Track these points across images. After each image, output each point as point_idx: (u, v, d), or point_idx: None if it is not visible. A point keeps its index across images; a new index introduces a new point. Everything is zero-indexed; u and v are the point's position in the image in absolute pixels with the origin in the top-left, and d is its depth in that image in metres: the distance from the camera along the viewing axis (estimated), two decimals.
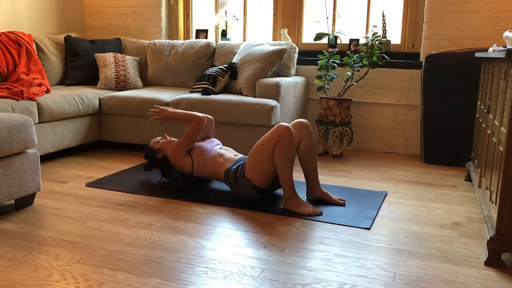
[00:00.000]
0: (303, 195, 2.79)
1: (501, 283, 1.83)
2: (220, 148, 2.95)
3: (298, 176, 3.21)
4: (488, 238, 1.99)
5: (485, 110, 2.68)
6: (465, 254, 2.08)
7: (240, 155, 2.91)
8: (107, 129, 3.92)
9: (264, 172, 2.57)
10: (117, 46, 4.50)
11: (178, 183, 2.90)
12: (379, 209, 2.65)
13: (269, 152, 2.54)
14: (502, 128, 2.09)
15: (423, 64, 3.81)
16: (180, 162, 2.91)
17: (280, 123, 2.54)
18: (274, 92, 3.57)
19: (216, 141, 3.06)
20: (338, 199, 2.70)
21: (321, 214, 2.51)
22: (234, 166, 2.72)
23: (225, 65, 3.91)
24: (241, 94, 3.81)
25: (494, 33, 3.71)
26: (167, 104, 3.68)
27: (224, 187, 2.98)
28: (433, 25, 3.85)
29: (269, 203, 2.67)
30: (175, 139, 3.05)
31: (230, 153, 2.91)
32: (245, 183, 2.62)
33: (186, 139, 2.88)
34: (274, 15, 4.48)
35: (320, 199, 2.72)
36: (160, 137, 3.10)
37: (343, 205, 2.66)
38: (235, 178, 2.67)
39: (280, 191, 2.89)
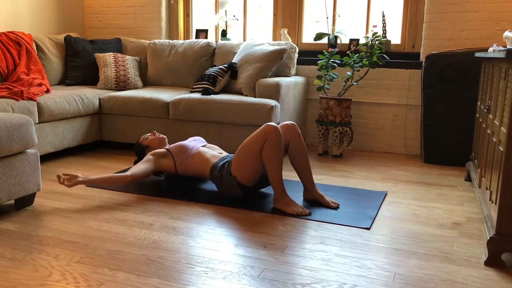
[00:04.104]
0: (300, 195, 2.80)
1: (501, 283, 1.83)
2: (204, 146, 2.95)
3: (296, 176, 3.20)
4: (488, 238, 1.99)
5: (485, 110, 2.68)
6: (465, 254, 2.08)
7: (225, 153, 2.92)
8: (107, 129, 3.92)
9: (250, 170, 2.57)
10: (117, 46, 4.50)
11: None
12: (379, 209, 2.65)
13: (256, 151, 2.54)
14: (502, 128, 2.09)
15: (423, 64, 3.81)
16: (161, 162, 2.88)
17: (268, 123, 2.54)
18: (274, 92, 3.57)
19: (200, 138, 3.07)
20: (331, 201, 2.66)
21: (309, 214, 2.50)
22: (220, 163, 2.72)
23: (225, 65, 3.91)
24: (241, 94, 3.81)
25: (494, 33, 3.71)
26: (167, 104, 3.68)
27: None
28: (433, 25, 3.85)
29: (269, 203, 2.67)
30: (164, 136, 3.08)
31: (215, 151, 2.92)
32: (231, 180, 2.62)
33: (136, 177, 2.75)
34: (274, 15, 4.48)
35: (315, 201, 2.71)
36: (149, 134, 3.13)
37: (335, 208, 2.61)
38: (221, 175, 2.67)
39: (271, 191, 2.88)
